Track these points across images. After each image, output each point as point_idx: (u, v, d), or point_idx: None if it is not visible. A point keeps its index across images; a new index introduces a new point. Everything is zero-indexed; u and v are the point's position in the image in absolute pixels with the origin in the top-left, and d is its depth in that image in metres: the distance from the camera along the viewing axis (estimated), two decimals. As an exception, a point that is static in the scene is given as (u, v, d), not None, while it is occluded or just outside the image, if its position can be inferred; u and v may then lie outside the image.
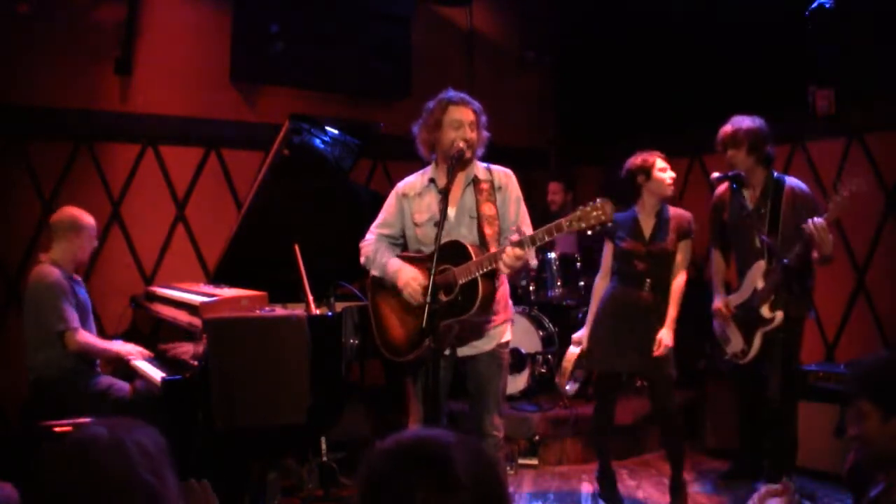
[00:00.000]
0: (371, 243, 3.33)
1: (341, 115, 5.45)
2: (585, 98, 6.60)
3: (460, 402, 4.04)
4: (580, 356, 4.00)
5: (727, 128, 3.99)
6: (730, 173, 3.99)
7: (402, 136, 5.64)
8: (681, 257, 3.87)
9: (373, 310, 3.31)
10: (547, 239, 2.88)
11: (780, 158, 5.29)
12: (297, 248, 3.92)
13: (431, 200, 3.24)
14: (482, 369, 3.25)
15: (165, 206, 5.41)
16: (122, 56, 5.11)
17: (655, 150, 3.88)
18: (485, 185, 3.19)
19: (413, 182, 3.36)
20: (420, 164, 3.45)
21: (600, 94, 6.41)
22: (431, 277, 2.80)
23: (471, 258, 2.96)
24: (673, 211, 3.91)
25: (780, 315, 3.84)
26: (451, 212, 3.19)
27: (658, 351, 3.72)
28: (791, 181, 3.99)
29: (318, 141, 4.15)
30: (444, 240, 2.95)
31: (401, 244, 3.40)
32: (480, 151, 3.28)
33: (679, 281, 3.85)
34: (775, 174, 3.99)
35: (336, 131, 4.22)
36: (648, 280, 3.82)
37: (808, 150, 5.30)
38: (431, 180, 3.27)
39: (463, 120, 3.16)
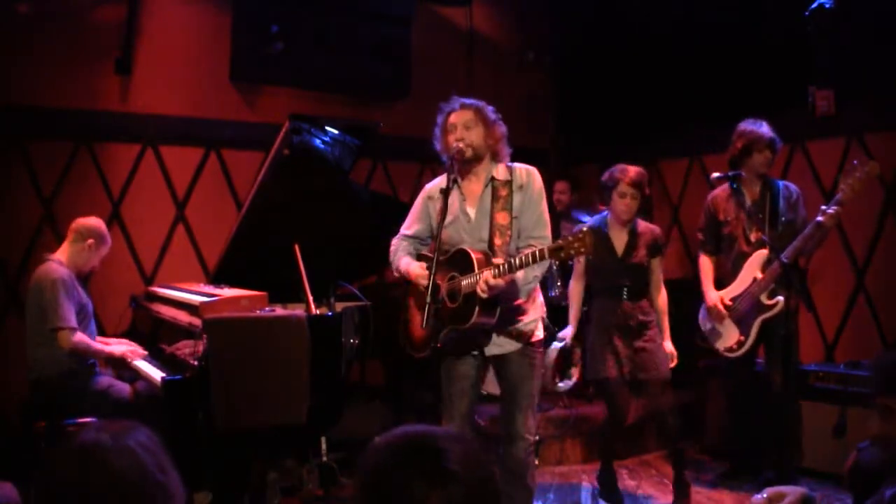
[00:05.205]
0: (394, 244, 3.45)
1: (341, 115, 5.46)
2: (585, 98, 6.59)
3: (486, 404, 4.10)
4: (562, 351, 4.10)
5: (766, 131, 4.06)
6: (730, 173, 4.00)
7: (401, 136, 5.71)
8: (657, 276, 3.94)
9: (404, 306, 3.44)
10: (524, 264, 2.82)
11: (780, 158, 5.29)
12: (297, 248, 3.91)
13: (454, 201, 3.24)
14: (513, 369, 3.21)
15: (165, 206, 5.41)
16: (122, 56, 5.11)
17: (634, 166, 3.85)
18: (503, 191, 3.17)
19: (438, 184, 3.39)
20: (418, 164, 3.47)
21: (600, 95, 6.40)
22: (431, 278, 2.89)
23: (473, 270, 2.96)
24: (643, 226, 3.94)
25: (780, 301, 3.88)
26: (472, 212, 3.21)
27: (673, 363, 3.84)
28: (781, 181, 4.15)
29: (318, 141, 4.15)
30: (464, 238, 3.14)
31: (428, 244, 3.47)
32: (503, 148, 3.26)
33: (663, 297, 3.94)
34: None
35: (336, 131, 4.22)
36: (626, 289, 3.88)
37: (808, 151, 5.29)
38: (455, 181, 3.24)
39: (456, 123, 3.20)
